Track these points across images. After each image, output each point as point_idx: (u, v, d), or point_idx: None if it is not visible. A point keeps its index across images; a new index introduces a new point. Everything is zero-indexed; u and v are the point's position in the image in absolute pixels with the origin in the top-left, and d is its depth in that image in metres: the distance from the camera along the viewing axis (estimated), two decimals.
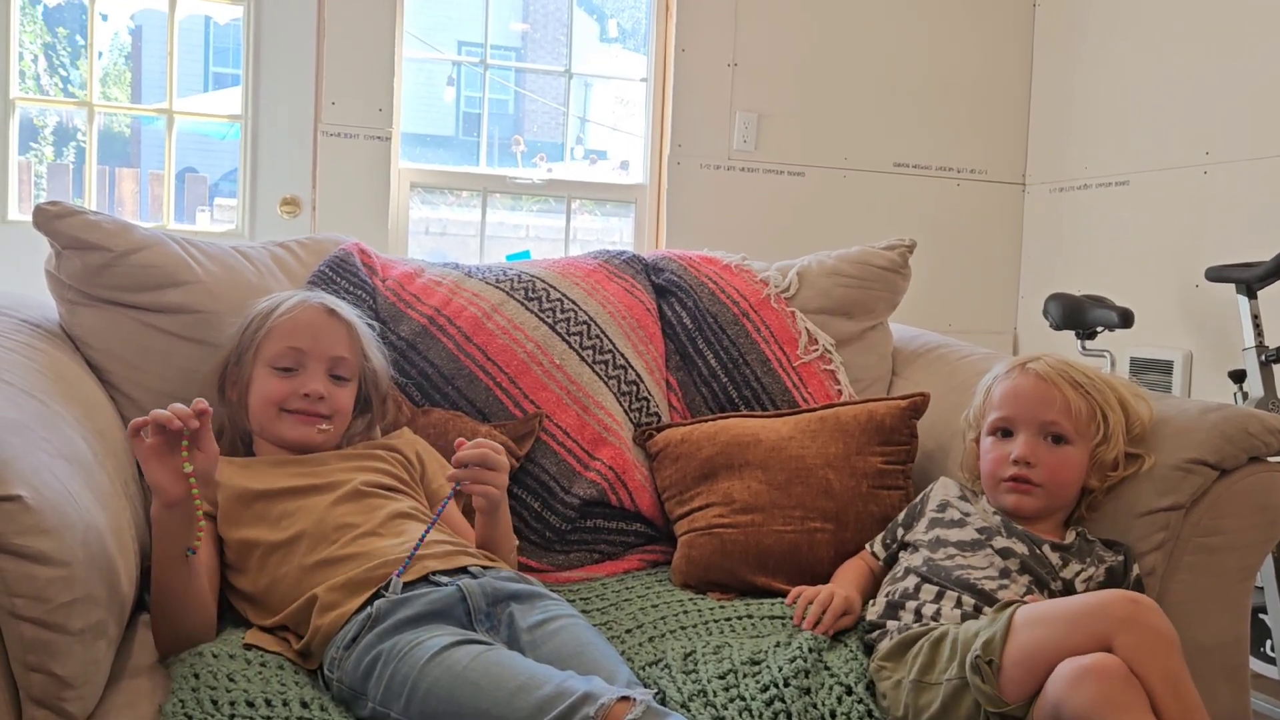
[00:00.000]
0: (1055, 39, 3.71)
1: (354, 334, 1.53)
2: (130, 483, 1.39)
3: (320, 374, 1.48)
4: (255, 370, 1.48)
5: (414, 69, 3.48)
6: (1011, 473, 1.42)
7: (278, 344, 1.48)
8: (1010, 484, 1.43)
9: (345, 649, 1.18)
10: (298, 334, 1.48)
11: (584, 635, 1.22)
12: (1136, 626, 1.12)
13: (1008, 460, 1.43)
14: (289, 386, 1.46)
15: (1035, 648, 1.15)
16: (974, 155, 3.81)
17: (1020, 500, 1.42)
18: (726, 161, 3.58)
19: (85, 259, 1.53)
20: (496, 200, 3.70)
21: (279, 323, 1.49)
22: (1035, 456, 1.42)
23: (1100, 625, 1.13)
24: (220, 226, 3.54)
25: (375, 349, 1.58)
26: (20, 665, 0.99)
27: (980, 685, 1.15)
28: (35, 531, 0.99)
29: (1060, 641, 1.14)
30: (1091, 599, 1.18)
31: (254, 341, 1.49)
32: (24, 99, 3.16)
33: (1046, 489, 1.42)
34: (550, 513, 1.69)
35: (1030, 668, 1.14)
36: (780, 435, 1.69)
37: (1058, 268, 3.66)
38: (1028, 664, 1.14)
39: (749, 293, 1.95)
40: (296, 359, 1.48)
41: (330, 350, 1.50)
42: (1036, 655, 1.14)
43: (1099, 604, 1.15)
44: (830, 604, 1.39)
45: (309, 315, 1.50)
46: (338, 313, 1.53)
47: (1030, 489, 1.42)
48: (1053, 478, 1.42)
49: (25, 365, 1.31)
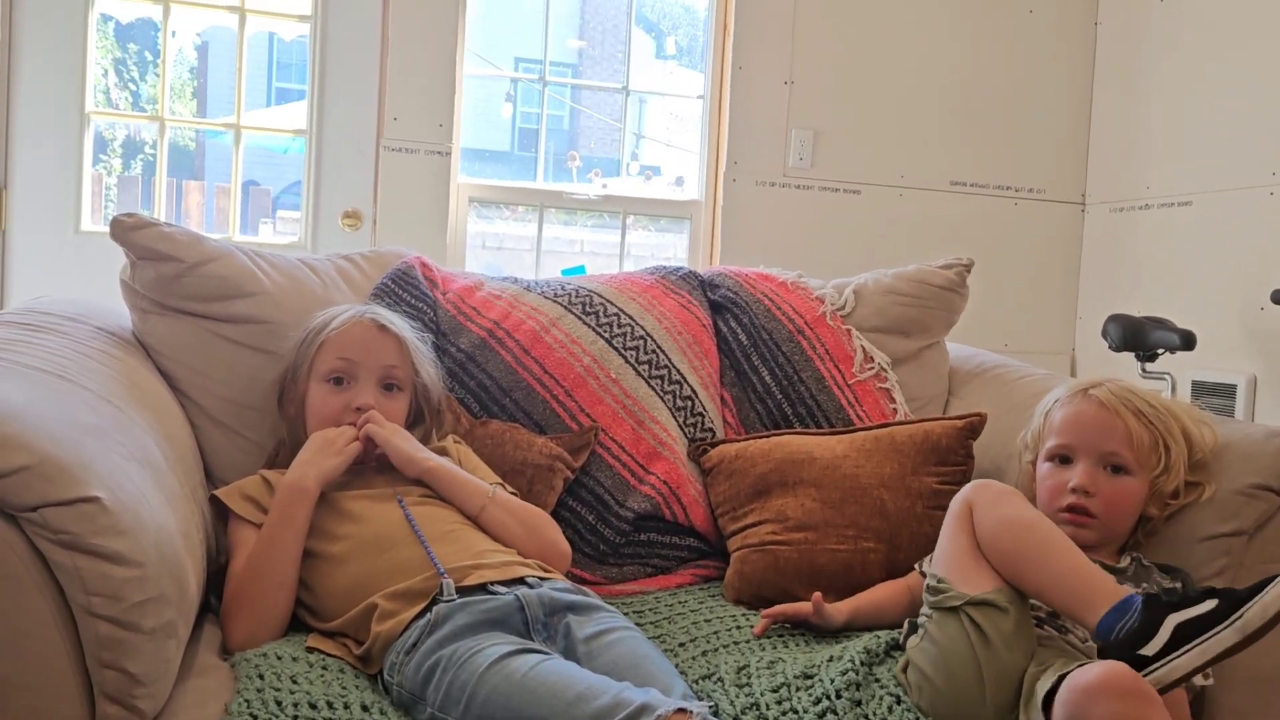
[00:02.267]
0: (1117, 56, 3.67)
1: (404, 347, 1.56)
2: (198, 488, 1.43)
3: (371, 386, 1.51)
4: (310, 384, 1.52)
5: (473, 85, 3.54)
6: (1069, 501, 1.40)
7: (330, 357, 1.51)
8: (1067, 514, 1.40)
9: (405, 654, 1.20)
10: (349, 347, 1.52)
11: (640, 647, 1.23)
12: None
13: (1065, 489, 1.41)
14: (341, 400, 1.49)
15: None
16: (1033, 174, 3.78)
17: (1077, 531, 1.38)
18: (782, 179, 3.59)
19: (159, 269, 1.57)
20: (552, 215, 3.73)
21: (331, 337, 1.52)
22: (1094, 486, 1.39)
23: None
24: (283, 238, 3.61)
25: (427, 362, 1.60)
26: (95, 662, 1.02)
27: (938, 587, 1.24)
28: (112, 532, 1.02)
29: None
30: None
31: (308, 356, 1.53)
32: (98, 113, 3.26)
33: (1103, 520, 1.39)
34: (605, 526, 1.70)
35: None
36: (835, 453, 1.69)
37: (1117, 288, 3.61)
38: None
39: (805, 310, 1.95)
40: (348, 370, 1.51)
41: (381, 360, 1.53)
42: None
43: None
44: (781, 608, 1.45)
45: (360, 330, 1.54)
46: (388, 327, 1.55)
47: (1087, 520, 1.39)
48: (1111, 509, 1.39)
49: (101, 372, 1.36)
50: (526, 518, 1.48)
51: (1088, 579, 1.18)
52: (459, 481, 1.47)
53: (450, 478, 1.47)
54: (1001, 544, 1.23)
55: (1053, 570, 1.19)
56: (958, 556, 1.25)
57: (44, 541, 1.00)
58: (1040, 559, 1.20)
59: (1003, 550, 1.23)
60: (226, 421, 1.59)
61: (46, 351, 1.31)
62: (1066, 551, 1.21)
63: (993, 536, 1.24)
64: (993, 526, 1.24)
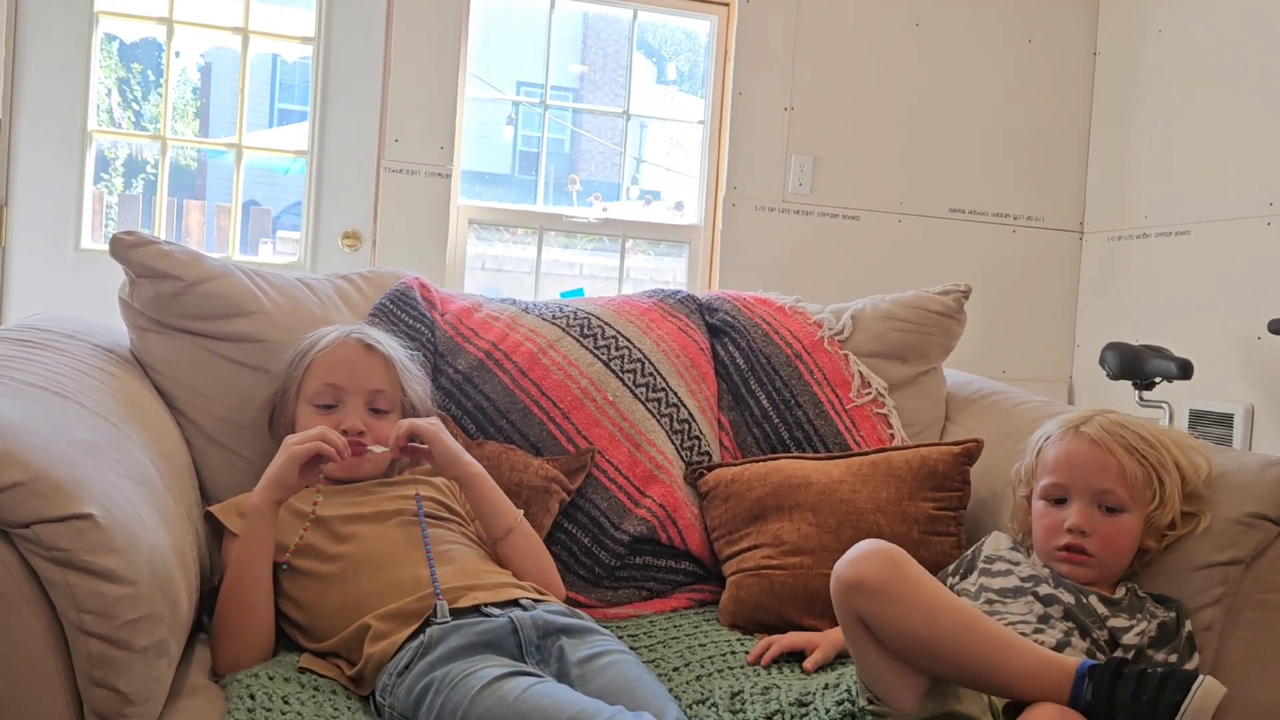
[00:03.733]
0: (1116, 86, 3.70)
1: (391, 367, 1.55)
2: (194, 506, 1.43)
3: (359, 409, 1.51)
4: (299, 408, 1.52)
5: (474, 108, 3.56)
6: (1065, 541, 1.39)
7: (316, 381, 1.51)
8: (1064, 553, 1.39)
9: (398, 676, 1.19)
10: (334, 371, 1.51)
11: (633, 671, 1.22)
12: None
13: (1061, 528, 1.40)
14: (330, 423, 1.48)
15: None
16: (1031, 202, 3.80)
17: (1074, 570, 1.38)
18: (781, 204, 3.61)
19: (158, 287, 1.57)
20: (551, 238, 3.75)
21: (317, 359, 1.52)
22: (1089, 526, 1.38)
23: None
24: (282, 258, 3.62)
25: (415, 381, 1.59)
26: (85, 680, 1.01)
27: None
28: (105, 550, 1.02)
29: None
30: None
31: (296, 379, 1.53)
32: (101, 131, 3.27)
33: (1100, 558, 1.38)
34: (600, 548, 1.70)
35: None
36: (831, 478, 1.69)
37: (1115, 317, 3.62)
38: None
39: (802, 334, 1.95)
40: (335, 395, 1.51)
41: (367, 384, 1.52)
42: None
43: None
44: (782, 641, 1.44)
45: (345, 351, 1.53)
46: (375, 346, 1.55)
47: (1085, 559, 1.38)
48: (1107, 547, 1.38)
49: (98, 389, 1.36)
50: (541, 554, 1.50)
51: (1029, 671, 1.11)
52: (495, 497, 1.48)
53: (488, 488, 1.48)
54: (930, 660, 1.13)
55: (1002, 667, 1.11)
56: (875, 672, 1.16)
57: (37, 558, 1.00)
58: (978, 661, 1.11)
59: (934, 666, 1.13)
60: (223, 440, 1.59)
61: (44, 368, 1.31)
62: (994, 642, 1.12)
63: (910, 649, 1.13)
64: (897, 636, 1.12)
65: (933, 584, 1.15)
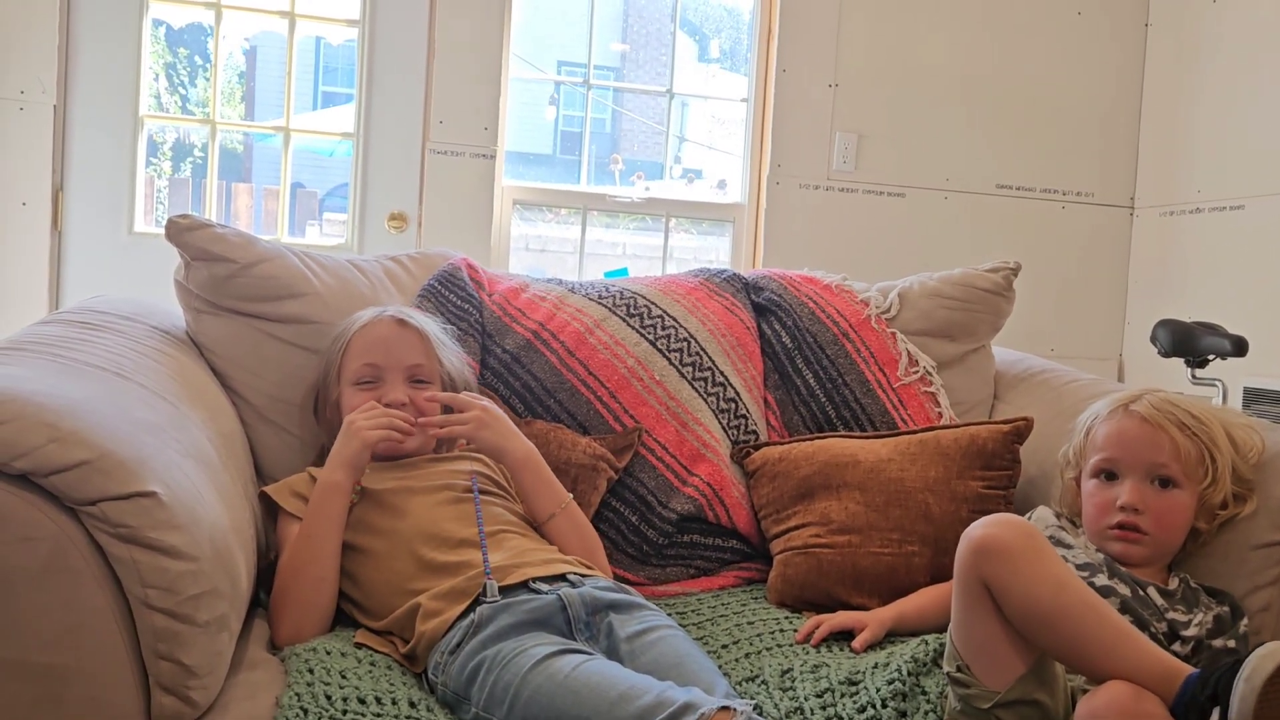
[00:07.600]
0: (1168, 59, 3.63)
1: (427, 340, 1.58)
2: (249, 484, 1.46)
3: (399, 384, 1.53)
4: (342, 389, 1.55)
5: (517, 88, 3.56)
6: (1118, 519, 1.36)
7: (355, 363, 1.54)
8: (1117, 531, 1.37)
9: (450, 654, 1.21)
10: (372, 349, 1.54)
11: (682, 646, 1.23)
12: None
13: (1113, 505, 1.37)
14: (373, 399, 1.51)
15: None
16: (1081, 177, 3.74)
17: (1127, 549, 1.36)
18: (826, 182, 3.58)
19: (212, 270, 1.60)
20: (595, 218, 3.75)
21: (354, 341, 1.55)
22: (1143, 503, 1.36)
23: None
24: (329, 240, 3.66)
25: (451, 354, 1.62)
26: (150, 653, 1.04)
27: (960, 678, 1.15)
28: (168, 526, 1.04)
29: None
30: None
31: (336, 362, 1.56)
32: (151, 116, 3.32)
33: (1154, 536, 1.36)
34: (648, 527, 1.71)
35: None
36: (879, 457, 1.68)
37: (1167, 293, 3.56)
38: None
39: (849, 313, 1.94)
40: (375, 374, 1.54)
41: (405, 359, 1.55)
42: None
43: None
44: (831, 621, 1.44)
45: (381, 329, 1.56)
46: (409, 322, 1.58)
47: (1139, 536, 1.36)
48: (1161, 524, 1.36)
49: (156, 369, 1.38)
50: (588, 537, 1.51)
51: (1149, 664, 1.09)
52: (544, 479, 1.51)
53: (538, 470, 1.50)
54: (1048, 633, 1.11)
55: (1116, 656, 1.09)
56: (981, 641, 1.14)
57: (103, 535, 1.02)
58: (1095, 643, 1.09)
59: (1049, 641, 1.11)
60: (276, 419, 1.62)
61: (104, 349, 1.34)
62: (1114, 629, 1.10)
63: (1032, 619, 1.11)
64: (1021, 603, 1.10)
65: (1062, 562, 1.14)
